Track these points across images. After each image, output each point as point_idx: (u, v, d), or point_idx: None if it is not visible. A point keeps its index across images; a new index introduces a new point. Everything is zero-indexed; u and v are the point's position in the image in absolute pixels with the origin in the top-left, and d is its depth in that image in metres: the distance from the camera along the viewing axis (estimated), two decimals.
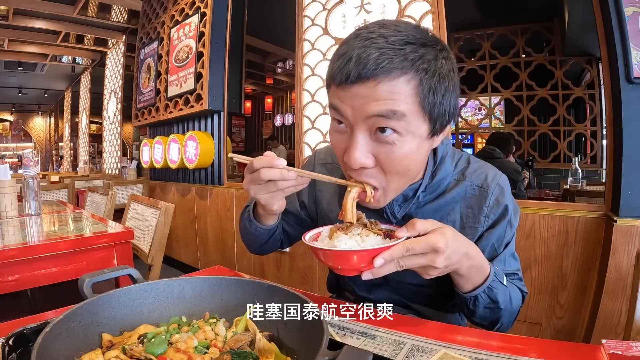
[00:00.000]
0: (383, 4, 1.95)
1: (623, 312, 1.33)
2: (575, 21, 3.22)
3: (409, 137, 0.57)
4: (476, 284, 0.63)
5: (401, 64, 0.53)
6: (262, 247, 0.85)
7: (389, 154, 0.57)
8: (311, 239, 0.63)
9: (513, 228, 0.73)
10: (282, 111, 7.63)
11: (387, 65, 0.52)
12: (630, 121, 1.35)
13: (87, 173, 5.89)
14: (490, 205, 0.70)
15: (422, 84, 0.54)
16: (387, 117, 0.54)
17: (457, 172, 0.73)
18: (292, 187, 0.61)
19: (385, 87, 0.53)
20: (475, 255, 0.61)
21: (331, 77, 0.58)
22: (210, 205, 2.99)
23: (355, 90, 0.55)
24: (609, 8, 1.36)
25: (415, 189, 0.70)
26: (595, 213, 1.47)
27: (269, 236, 0.80)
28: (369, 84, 0.54)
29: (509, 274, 0.72)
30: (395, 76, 0.53)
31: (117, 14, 4.46)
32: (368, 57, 0.53)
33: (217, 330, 0.49)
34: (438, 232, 0.55)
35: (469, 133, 4.93)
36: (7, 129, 11.97)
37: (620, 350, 0.47)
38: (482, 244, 0.71)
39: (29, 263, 1.20)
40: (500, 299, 0.64)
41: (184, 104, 3.09)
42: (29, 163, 1.83)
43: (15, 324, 0.48)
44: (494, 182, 0.71)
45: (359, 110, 0.56)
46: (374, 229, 0.61)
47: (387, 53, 0.53)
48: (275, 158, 0.59)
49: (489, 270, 0.63)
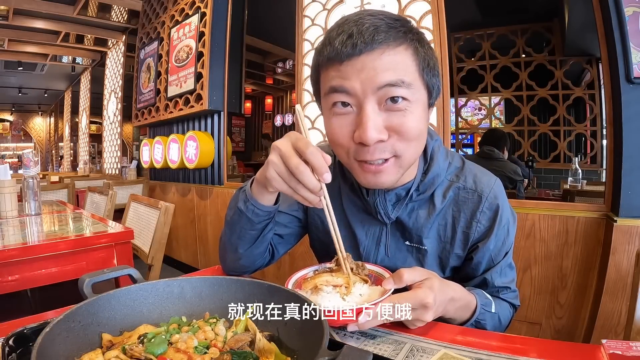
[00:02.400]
0: (383, 4, 1.95)
1: (623, 312, 1.33)
2: (575, 21, 3.22)
3: (416, 103, 0.58)
4: (464, 319, 0.64)
5: (396, 35, 0.56)
6: (250, 249, 0.72)
7: (402, 119, 0.57)
8: (294, 284, 0.61)
9: (511, 236, 0.72)
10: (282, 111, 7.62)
11: (385, 36, 0.55)
12: (630, 121, 1.35)
13: (87, 173, 5.88)
14: (482, 210, 0.69)
15: (418, 53, 0.58)
16: (397, 85, 0.56)
17: (451, 171, 0.72)
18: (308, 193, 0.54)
19: (390, 57, 0.56)
20: (460, 298, 0.61)
21: (333, 55, 0.57)
22: (210, 205, 2.99)
23: (362, 61, 0.55)
24: (609, 8, 1.36)
25: (407, 189, 0.69)
26: (595, 213, 1.47)
27: (261, 229, 0.70)
28: (375, 54, 0.55)
29: (502, 287, 0.71)
30: (395, 45, 0.56)
31: (117, 14, 4.46)
32: (367, 29, 0.55)
33: (217, 330, 0.49)
34: (426, 286, 0.55)
35: (469, 133, 4.92)
36: (7, 129, 11.97)
37: (620, 350, 0.47)
38: (478, 256, 0.70)
39: (29, 263, 1.20)
40: (489, 327, 0.66)
41: (184, 104, 3.09)
42: (29, 163, 1.83)
43: (15, 324, 0.48)
44: (488, 186, 0.70)
45: (368, 83, 0.55)
46: (360, 274, 0.60)
47: (382, 27, 0.56)
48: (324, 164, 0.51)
49: (475, 305, 0.63)
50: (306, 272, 0.64)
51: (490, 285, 0.71)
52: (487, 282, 0.71)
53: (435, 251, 0.72)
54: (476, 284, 0.72)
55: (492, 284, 0.71)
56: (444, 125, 1.75)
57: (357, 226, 0.75)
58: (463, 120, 4.37)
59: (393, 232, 0.73)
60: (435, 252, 0.72)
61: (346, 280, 0.59)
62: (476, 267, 0.71)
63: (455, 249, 0.71)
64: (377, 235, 0.74)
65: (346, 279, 0.59)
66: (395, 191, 0.69)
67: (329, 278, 0.59)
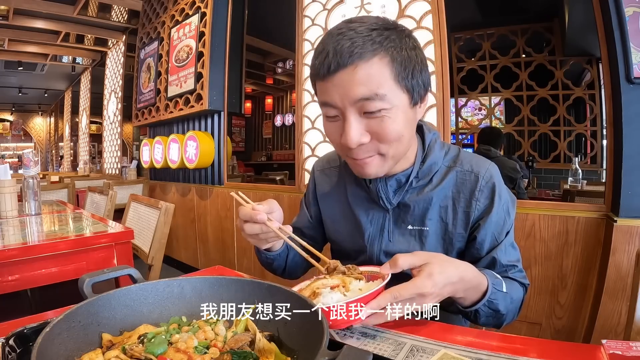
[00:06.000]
0: (383, 4, 1.95)
1: (623, 312, 1.33)
2: (575, 21, 3.22)
3: (394, 109, 0.62)
4: (475, 300, 0.64)
5: (372, 47, 0.59)
6: (286, 271, 0.88)
7: (381, 124, 0.62)
8: None
9: (511, 216, 0.75)
10: (282, 111, 7.63)
11: (359, 50, 0.59)
12: (630, 121, 1.35)
13: (87, 173, 5.88)
14: (480, 188, 0.73)
15: (394, 60, 0.61)
16: (371, 99, 0.60)
17: (448, 159, 0.77)
18: (274, 237, 0.68)
19: (363, 71, 0.59)
20: (471, 278, 0.61)
21: (315, 74, 0.64)
22: (210, 205, 2.99)
23: (338, 78, 0.61)
24: (609, 8, 1.36)
25: (407, 175, 0.74)
26: (595, 213, 1.47)
27: (284, 260, 0.84)
28: (348, 70, 0.60)
29: (509, 265, 0.73)
30: (369, 58, 0.59)
31: (117, 14, 4.46)
32: (342, 47, 0.59)
33: (217, 330, 0.49)
34: (424, 273, 0.55)
35: (469, 133, 4.92)
36: (7, 129, 11.96)
37: (620, 350, 0.47)
38: (482, 234, 0.72)
39: (29, 263, 1.20)
40: (502, 307, 0.66)
41: (184, 104, 3.09)
42: (29, 163, 1.83)
43: (15, 324, 0.48)
44: (483, 167, 0.74)
45: (345, 96, 0.61)
46: (353, 274, 0.61)
47: (358, 41, 0.59)
48: (256, 213, 0.64)
49: (486, 285, 0.64)
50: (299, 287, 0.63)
51: (498, 265, 0.72)
52: (495, 261, 0.72)
53: (438, 232, 0.75)
54: (484, 265, 0.73)
55: (499, 263, 0.72)
56: (444, 125, 1.75)
57: (361, 215, 0.81)
58: (463, 120, 4.38)
59: (395, 218, 0.78)
60: (438, 233, 0.75)
61: (342, 279, 0.59)
62: (480, 246, 0.73)
63: (457, 229, 0.74)
64: (380, 222, 0.79)
65: (341, 278, 0.60)
66: (395, 177, 0.74)
67: (324, 281, 0.60)
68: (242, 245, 2.72)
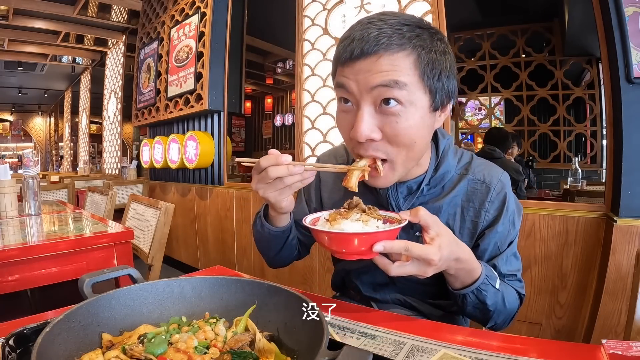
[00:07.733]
0: (383, 4, 1.95)
1: (623, 312, 1.33)
2: (575, 21, 3.22)
3: (412, 108, 0.60)
4: (465, 284, 0.65)
5: (399, 41, 0.58)
6: (279, 254, 0.84)
7: (394, 124, 0.60)
8: (310, 223, 0.62)
9: (516, 227, 0.74)
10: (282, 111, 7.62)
11: (386, 41, 0.57)
12: (630, 121, 1.35)
13: (87, 173, 5.88)
14: (490, 200, 0.72)
15: (420, 58, 0.59)
16: (389, 86, 0.58)
17: (460, 166, 0.75)
18: (298, 182, 0.61)
19: (386, 61, 0.58)
20: (466, 260, 0.62)
21: (337, 58, 0.63)
22: (210, 205, 2.99)
23: (359, 65, 0.59)
24: (609, 8, 1.36)
25: (419, 182, 0.73)
26: (595, 213, 1.47)
27: (284, 240, 0.80)
28: (371, 59, 0.58)
29: (508, 275, 0.72)
30: (395, 51, 0.58)
31: (117, 14, 4.46)
32: (369, 35, 0.58)
33: (217, 330, 0.49)
34: (436, 244, 0.57)
35: (469, 133, 4.92)
36: (7, 129, 11.96)
37: (620, 350, 0.47)
38: (484, 243, 0.72)
39: (29, 263, 1.20)
40: (489, 302, 0.66)
41: (184, 104, 3.09)
42: (29, 163, 1.83)
43: (15, 324, 0.48)
44: (496, 177, 0.73)
45: (363, 83, 0.59)
46: (373, 214, 0.62)
47: (386, 32, 0.58)
48: (280, 155, 0.59)
49: (479, 274, 0.64)
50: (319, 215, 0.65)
51: (497, 272, 0.72)
52: (494, 269, 0.72)
53: None
54: None
55: (498, 271, 0.72)
56: (444, 126, 1.75)
57: None
58: (463, 121, 4.38)
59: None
60: None
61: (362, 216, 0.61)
62: (482, 254, 0.73)
63: (463, 238, 0.73)
64: None
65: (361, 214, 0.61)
66: (407, 184, 0.73)
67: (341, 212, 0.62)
68: (242, 245, 2.72)
